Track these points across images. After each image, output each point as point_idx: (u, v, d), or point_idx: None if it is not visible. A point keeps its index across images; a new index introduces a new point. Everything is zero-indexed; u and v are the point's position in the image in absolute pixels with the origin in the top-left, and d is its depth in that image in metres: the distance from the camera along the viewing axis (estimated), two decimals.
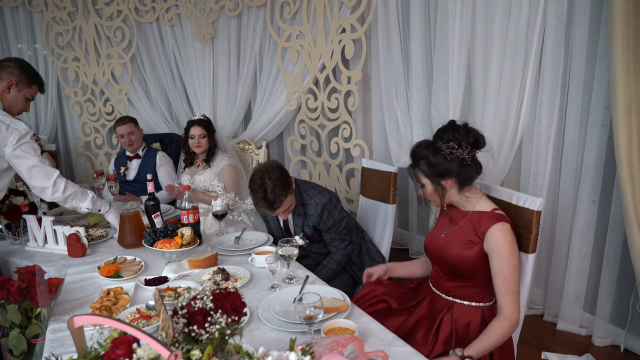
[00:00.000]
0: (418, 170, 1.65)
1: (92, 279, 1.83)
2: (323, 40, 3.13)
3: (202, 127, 2.80)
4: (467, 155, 1.57)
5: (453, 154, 1.57)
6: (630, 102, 1.76)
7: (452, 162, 1.58)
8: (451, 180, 1.61)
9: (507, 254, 1.54)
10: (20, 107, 2.22)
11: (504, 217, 1.59)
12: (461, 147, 1.57)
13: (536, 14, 2.16)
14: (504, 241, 1.55)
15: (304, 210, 2.18)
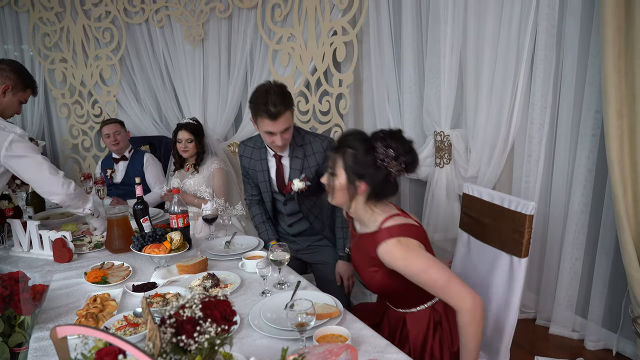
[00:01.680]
0: (340, 158, 1.50)
1: (79, 285, 1.78)
2: (314, 43, 3.12)
3: (189, 131, 2.77)
4: (395, 171, 1.47)
5: (384, 162, 1.46)
6: (621, 106, 1.77)
7: (378, 170, 1.46)
8: (365, 186, 1.49)
9: (404, 267, 1.44)
10: (14, 111, 2.19)
11: (388, 232, 1.47)
12: (396, 160, 1.46)
13: (527, 17, 2.16)
14: (394, 259, 1.44)
15: (303, 152, 2.12)
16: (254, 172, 2.27)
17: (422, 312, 1.61)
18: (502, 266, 1.80)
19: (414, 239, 1.47)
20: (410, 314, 1.64)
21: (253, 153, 2.25)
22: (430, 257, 1.44)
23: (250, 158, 2.26)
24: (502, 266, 1.80)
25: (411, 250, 1.44)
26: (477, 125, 2.40)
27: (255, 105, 1.99)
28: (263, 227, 2.35)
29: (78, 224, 2.45)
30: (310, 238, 2.34)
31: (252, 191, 2.35)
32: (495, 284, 1.81)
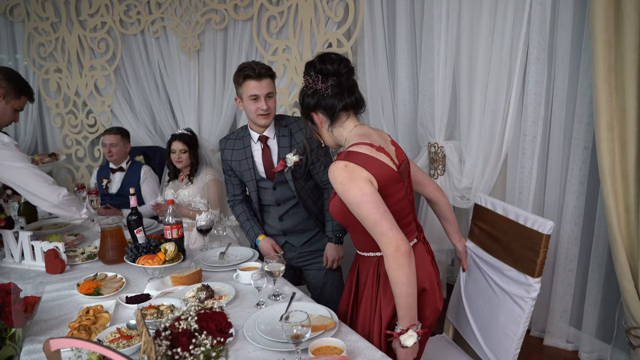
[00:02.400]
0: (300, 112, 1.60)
1: (71, 296, 1.76)
2: (309, 55, 3.14)
3: (183, 142, 2.76)
4: (320, 85, 1.47)
5: (309, 90, 1.51)
6: (612, 119, 1.80)
7: (312, 97, 1.50)
8: (318, 116, 1.53)
9: (341, 193, 1.42)
10: (8, 119, 2.16)
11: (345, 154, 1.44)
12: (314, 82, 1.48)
13: (520, 31, 2.20)
14: (335, 182, 1.42)
15: (289, 130, 2.12)
16: (236, 164, 2.20)
17: (369, 260, 1.61)
18: (512, 283, 1.67)
19: (368, 171, 1.41)
20: (362, 257, 1.64)
21: (235, 144, 2.21)
22: (370, 193, 1.38)
23: (232, 149, 2.21)
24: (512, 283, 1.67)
25: (353, 179, 1.39)
26: (470, 136, 2.42)
27: (239, 72, 2.02)
28: (248, 224, 2.27)
29: (63, 235, 2.43)
30: (303, 235, 2.24)
31: (235, 190, 2.30)
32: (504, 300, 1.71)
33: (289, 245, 2.27)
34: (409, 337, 1.41)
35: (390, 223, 1.39)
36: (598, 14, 1.74)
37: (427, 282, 1.59)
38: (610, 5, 1.73)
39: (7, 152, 1.99)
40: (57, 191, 2.08)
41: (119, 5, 3.73)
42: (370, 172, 1.42)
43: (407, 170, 1.59)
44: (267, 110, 2.04)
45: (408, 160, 1.64)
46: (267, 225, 2.28)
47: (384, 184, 1.44)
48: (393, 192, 1.48)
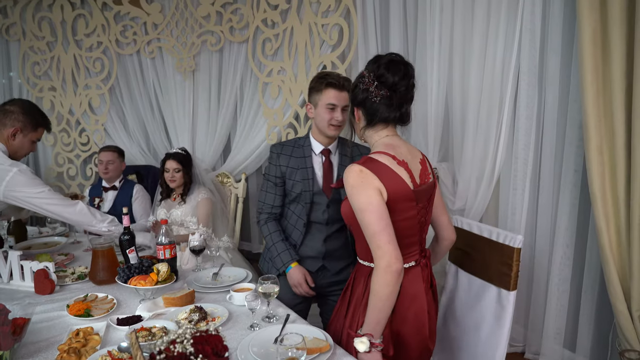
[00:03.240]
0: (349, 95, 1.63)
1: (60, 318, 1.73)
2: (304, 76, 3.18)
3: (177, 161, 2.77)
4: (373, 89, 1.47)
5: (360, 82, 1.50)
6: (601, 143, 1.83)
7: (362, 92, 1.49)
8: (359, 112, 1.54)
9: (349, 196, 1.44)
10: (27, 151, 2.24)
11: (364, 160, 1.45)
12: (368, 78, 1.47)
13: (510, 56, 2.25)
14: (346, 183, 1.44)
15: (351, 152, 2.06)
16: (292, 171, 2.07)
17: (365, 269, 1.59)
18: (490, 299, 1.80)
19: (380, 181, 1.41)
20: (359, 265, 1.63)
21: (293, 151, 2.09)
22: (377, 203, 1.39)
23: (289, 156, 2.08)
24: (490, 299, 1.80)
25: (363, 185, 1.40)
26: (463, 159, 2.45)
27: (321, 79, 1.98)
28: (283, 245, 2.08)
29: (53, 255, 2.40)
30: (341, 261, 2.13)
31: (275, 201, 2.11)
32: (484, 317, 1.82)
33: (323, 272, 2.13)
34: (361, 343, 1.42)
35: (389, 237, 1.39)
36: (585, 40, 1.79)
37: (412, 310, 1.54)
38: (597, 32, 1.79)
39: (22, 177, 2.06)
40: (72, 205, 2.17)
41: (115, 25, 3.77)
42: (383, 182, 1.41)
43: (428, 192, 1.57)
44: (341, 122, 1.99)
45: (435, 184, 1.62)
46: (305, 246, 2.11)
47: (394, 197, 1.43)
48: (402, 209, 1.47)
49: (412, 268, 1.57)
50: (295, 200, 2.10)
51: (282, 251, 2.08)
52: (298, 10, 3.16)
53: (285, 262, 2.07)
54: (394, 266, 1.37)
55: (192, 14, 3.56)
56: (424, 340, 1.56)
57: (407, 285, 1.52)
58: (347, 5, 2.91)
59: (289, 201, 2.13)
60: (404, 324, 1.53)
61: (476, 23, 2.35)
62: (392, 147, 1.51)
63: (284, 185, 2.10)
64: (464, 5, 2.38)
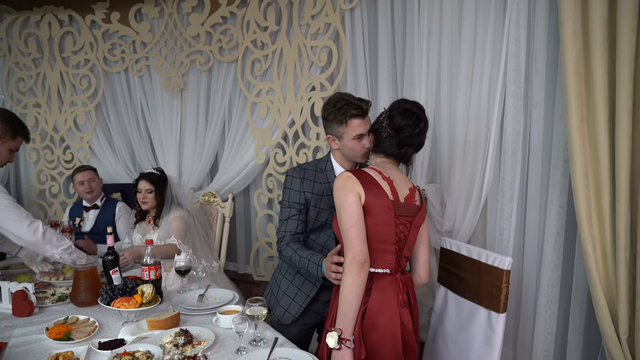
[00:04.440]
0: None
1: (39, 341, 1.67)
2: (293, 97, 3.20)
3: (150, 181, 2.67)
4: (385, 125, 1.71)
5: (380, 115, 1.76)
6: (587, 166, 1.87)
7: (377, 123, 1.76)
8: (371, 138, 1.79)
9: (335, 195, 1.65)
10: (4, 160, 2.18)
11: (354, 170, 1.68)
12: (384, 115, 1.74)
13: (496, 79, 2.30)
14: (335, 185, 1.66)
15: None
16: (317, 198, 1.93)
17: None
18: (480, 321, 1.81)
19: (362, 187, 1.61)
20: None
21: (317, 176, 1.95)
22: (353, 202, 1.60)
23: (313, 181, 1.94)
24: (480, 321, 1.81)
25: (346, 188, 1.62)
26: (451, 180, 2.47)
27: (338, 110, 1.81)
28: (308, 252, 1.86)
29: (32, 275, 2.33)
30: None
31: (298, 228, 1.95)
32: (474, 339, 1.81)
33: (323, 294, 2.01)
34: (330, 337, 1.55)
35: (357, 234, 1.58)
36: (569, 68, 1.84)
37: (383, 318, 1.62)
38: (580, 61, 1.84)
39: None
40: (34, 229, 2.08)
41: (103, 43, 3.76)
42: (364, 188, 1.62)
43: (410, 210, 1.72)
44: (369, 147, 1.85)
45: (422, 210, 1.76)
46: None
47: (370, 202, 1.62)
48: (378, 213, 1.63)
49: (384, 275, 1.67)
50: (319, 229, 1.98)
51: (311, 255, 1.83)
52: (288, 32, 3.20)
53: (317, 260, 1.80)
54: (357, 257, 1.56)
55: (182, 34, 3.58)
56: (398, 356, 1.61)
57: (378, 291, 1.63)
58: (336, 28, 2.96)
59: (311, 229, 1.99)
60: (374, 330, 1.61)
61: (463, 47, 2.40)
62: (382, 167, 1.72)
63: (307, 212, 1.96)
64: (451, 29, 2.44)
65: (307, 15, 3.06)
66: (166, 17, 3.61)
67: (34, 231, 2.09)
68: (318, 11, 3.01)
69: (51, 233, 2.16)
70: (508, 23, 2.24)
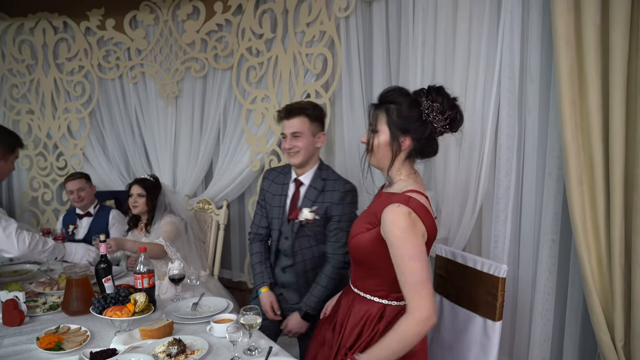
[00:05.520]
0: (383, 114, 1.46)
1: (29, 352, 1.64)
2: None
3: (142, 186, 2.69)
4: (440, 127, 1.44)
5: (430, 117, 1.42)
6: (581, 174, 1.87)
7: (424, 125, 1.43)
8: (409, 141, 1.45)
9: (396, 240, 1.37)
10: (8, 171, 2.29)
11: (407, 199, 1.41)
12: (442, 114, 1.42)
13: (491, 86, 2.30)
14: (393, 225, 1.37)
15: (322, 185, 2.10)
16: (270, 196, 2.25)
17: (370, 303, 1.53)
18: (476, 329, 1.80)
19: (424, 225, 1.40)
20: (360, 297, 1.56)
21: (277, 177, 2.28)
22: (424, 251, 1.38)
23: (272, 181, 2.28)
24: (476, 329, 1.80)
25: (414, 231, 1.37)
26: (446, 187, 2.47)
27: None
28: (259, 267, 2.25)
29: (23, 283, 2.31)
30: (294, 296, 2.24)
31: (261, 222, 2.33)
32: (470, 347, 1.80)
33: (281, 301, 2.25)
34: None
35: (431, 290, 1.38)
36: (563, 75, 1.84)
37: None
38: (574, 68, 1.85)
39: None
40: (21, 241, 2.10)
41: (98, 50, 3.75)
42: (426, 226, 1.42)
43: None
44: (290, 148, 2.09)
45: None
46: (275, 272, 2.28)
47: (429, 242, 1.44)
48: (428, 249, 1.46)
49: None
50: (271, 225, 2.28)
51: (257, 273, 2.26)
52: (283, 39, 3.20)
53: (257, 285, 2.24)
54: (432, 320, 1.36)
55: (177, 41, 3.58)
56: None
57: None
58: (331, 35, 2.96)
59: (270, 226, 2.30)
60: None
61: (457, 55, 2.41)
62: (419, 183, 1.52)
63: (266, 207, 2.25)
64: (445, 37, 2.45)
65: (302, 23, 3.07)
66: (161, 24, 3.61)
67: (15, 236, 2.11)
68: (313, 19, 3.02)
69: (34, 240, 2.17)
70: (502, 31, 2.25)
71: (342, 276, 2.12)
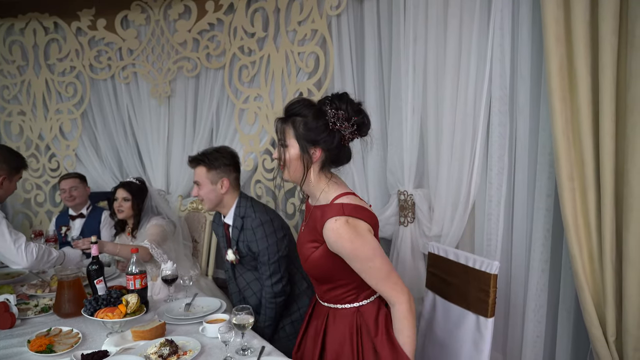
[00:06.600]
0: (290, 127, 1.45)
1: (20, 354, 1.63)
2: (281, 103, 3.19)
3: (127, 190, 2.65)
4: (348, 134, 1.44)
5: (337, 125, 1.41)
6: (572, 170, 1.87)
7: (332, 134, 1.43)
8: (320, 152, 1.45)
9: (349, 252, 1.40)
10: (11, 191, 2.34)
11: (341, 208, 1.42)
12: (348, 121, 1.42)
13: (482, 85, 2.31)
14: (339, 240, 1.39)
15: (241, 224, 2.15)
16: (218, 238, 2.40)
17: (345, 312, 1.55)
18: (468, 326, 1.80)
19: (365, 221, 1.44)
20: (333, 310, 1.58)
21: (219, 219, 2.36)
22: (377, 245, 1.44)
23: (217, 224, 2.39)
24: (468, 326, 1.80)
25: (359, 234, 1.40)
26: (439, 185, 2.47)
27: None
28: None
29: (15, 286, 2.30)
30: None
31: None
32: (462, 344, 1.80)
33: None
34: None
35: (396, 272, 1.46)
36: (553, 72, 1.84)
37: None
38: (564, 65, 1.85)
39: None
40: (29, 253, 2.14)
41: (89, 50, 3.73)
42: (367, 221, 1.45)
43: None
44: (195, 196, 2.24)
45: None
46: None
47: (374, 228, 1.48)
48: (376, 233, 1.51)
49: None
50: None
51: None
52: (275, 38, 3.20)
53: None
54: (409, 293, 1.46)
55: (169, 40, 3.56)
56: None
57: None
58: (323, 34, 2.96)
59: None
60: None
61: (448, 51, 2.41)
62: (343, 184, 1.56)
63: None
64: (437, 35, 2.45)
65: (294, 22, 3.06)
66: (153, 24, 3.60)
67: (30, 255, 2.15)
68: (305, 17, 3.02)
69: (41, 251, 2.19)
70: (492, 27, 2.26)
71: (278, 303, 2.17)
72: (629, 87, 1.69)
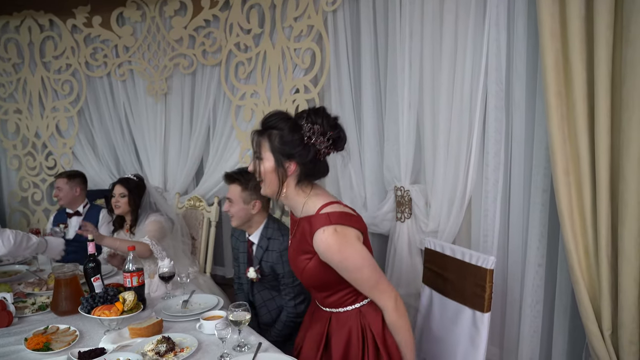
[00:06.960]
0: (265, 140, 1.45)
1: (17, 352, 1.63)
2: (277, 100, 3.19)
3: (124, 186, 2.64)
4: (324, 149, 1.44)
5: (312, 140, 1.41)
6: (567, 165, 1.87)
7: (306, 148, 1.43)
8: (295, 166, 1.45)
9: (339, 262, 1.43)
10: None
11: (327, 218, 1.42)
12: (323, 136, 1.43)
13: (478, 80, 2.31)
14: (329, 251, 1.41)
15: (267, 244, 2.19)
16: (236, 253, 2.40)
17: (347, 314, 1.57)
18: (465, 321, 1.81)
19: (353, 227, 1.46)
20: (336, 314, 1.60)
21: (240, 235, 2.38)
22: (366, 254, 1.46)
23: (237, 238, 2.41)
24: (465, 321, 1.81)
25: (348, 243, 1.42)
26: (435, 180, 2.47)
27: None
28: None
29: (12, 284, 2.29)
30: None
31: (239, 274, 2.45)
32: (459, 339, 1.81)
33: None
34: None
35: (384, 276, 1.50)
36: (549, 67, 1.84)
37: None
38: (559, 60, 1.85)
39: None
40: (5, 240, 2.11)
41: (85, 48, 3.72)
42: (355, 227, 1.47)
43: None
44: (226, 212, 2.26)
45: None
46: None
47: (364, 236, 1.51)
48: (366, 238, 1.53)
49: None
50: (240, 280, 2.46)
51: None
52: (271, 34, 3.19)
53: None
54: (399, 298, 1.51)
55: (165, 37, 3.55)
56: None
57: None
58: (319, 30, 2.95)
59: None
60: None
61: (444, 47, 2.40)
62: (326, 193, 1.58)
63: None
64: (433, 31, 2.44)
65: (290, 18, 3.05)
66: (148, 21, 3.58)
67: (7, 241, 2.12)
68: (301, 13, 3.01)
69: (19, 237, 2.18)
70: (488, 23, 2.25)
71: (298, 323, 2.17)
72: (624, 81, 1.69)
